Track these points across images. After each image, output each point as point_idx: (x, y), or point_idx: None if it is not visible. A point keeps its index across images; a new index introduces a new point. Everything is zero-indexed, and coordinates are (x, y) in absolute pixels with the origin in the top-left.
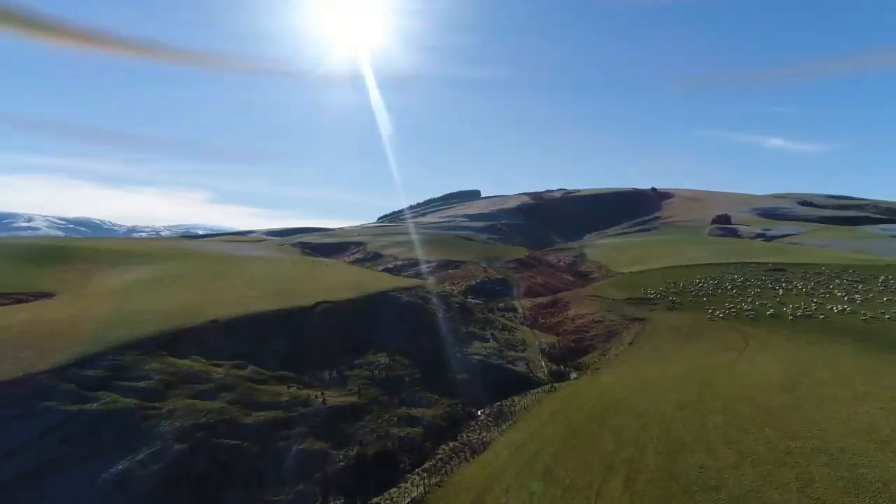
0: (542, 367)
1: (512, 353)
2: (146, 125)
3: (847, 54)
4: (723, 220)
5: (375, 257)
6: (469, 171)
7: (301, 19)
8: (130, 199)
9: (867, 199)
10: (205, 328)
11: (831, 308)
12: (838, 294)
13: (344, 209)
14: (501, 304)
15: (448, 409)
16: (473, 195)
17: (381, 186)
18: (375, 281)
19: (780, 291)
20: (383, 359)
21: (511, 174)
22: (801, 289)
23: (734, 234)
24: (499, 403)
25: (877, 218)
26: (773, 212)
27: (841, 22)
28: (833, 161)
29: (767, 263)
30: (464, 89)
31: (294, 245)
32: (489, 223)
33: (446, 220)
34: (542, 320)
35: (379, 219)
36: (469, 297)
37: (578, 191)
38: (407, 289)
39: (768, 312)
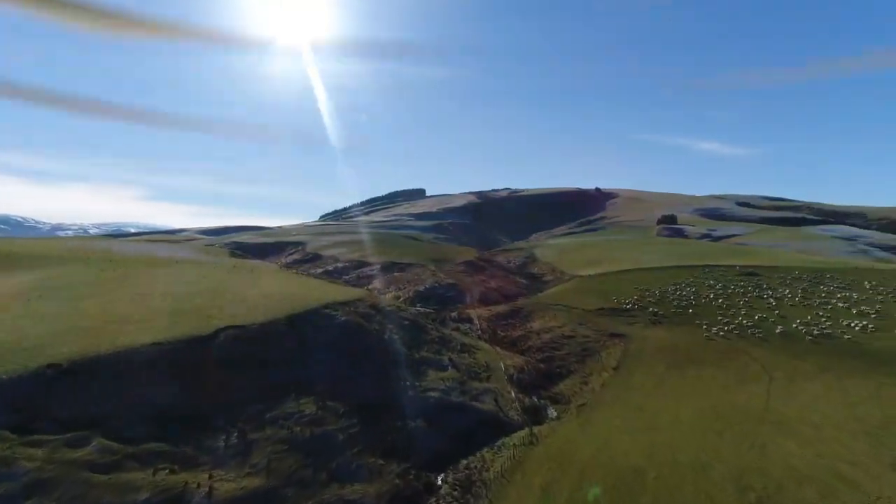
0: (512, 400)
1: (476, 383)
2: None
3: (779, 65)
4: (669, 220)
5: (315, 259)
6: (414, 169)
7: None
8: (59, 195)
9: (800, 200)
10: (31, 378)
11: (849, 324)
12: (841, 305)
13: (286, 208)
14: (455, 314)
15: (397, 480)
16: (419, 194)
17: (324, 185)
18: (306, 293)
19: (773, 301)
20: (309, 406)
21: (456, 173)
22: (793, 297)
23: (681, 234)
24: (465, 463)
25: (813, 219)
26: (715, 212)
27: (775, 37)
28: (762, 164)
29: (735, 267)
30: (411, 88)
31: (225, 245)
32: (435, 222)
33: (391, 219)
34: (503, 334)
35: (321, 217)
36: (418, 304)
37: (523, 190)
38: (345, 303)
39: (777, 330)
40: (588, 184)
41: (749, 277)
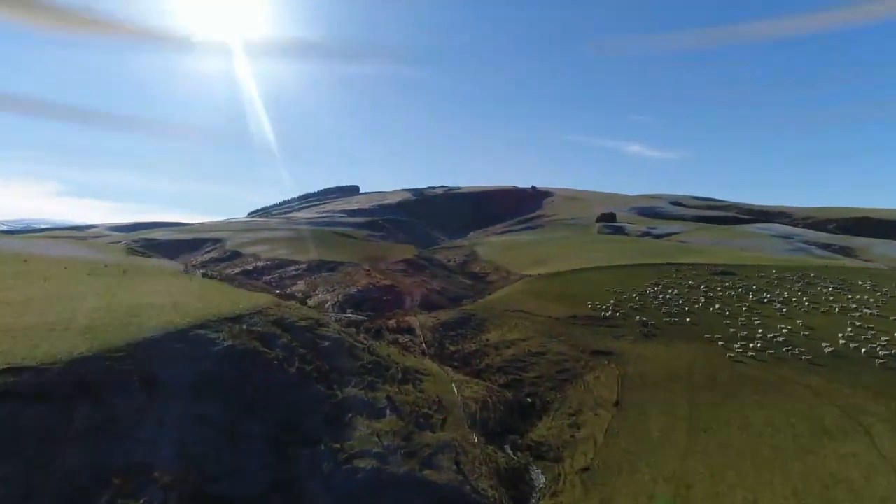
0: (479, 459)
1: (427, 436)
2: None
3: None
4: (608, 218)
5: (233, 257)
6: (347, 166)
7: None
8: None
9: (727, 200)
10: None
11: None
12: (869, 312)
13: (215, 205)
14: (393, 322)
15: None
16: (352, 191)
17: (255, 182)
18: (188, 303)
19: (781, 307)
20: None
21: (391, 171)
22: (799, 301)
23: (621, 231)
24: None
25: (743, 218)
26: (651, 211)
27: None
28: (686, 167)
29: (704, 266)
30: (345, 84)
31: (134, 243)
32: (369, 219)
33: (324, 215)
34: (452, 348)
35: (249, 214)
36: (349, 311)
37: (460, 188)
38: (234, 319)
39: (826, 349)
40: (523, 182)
41: (726, 277)
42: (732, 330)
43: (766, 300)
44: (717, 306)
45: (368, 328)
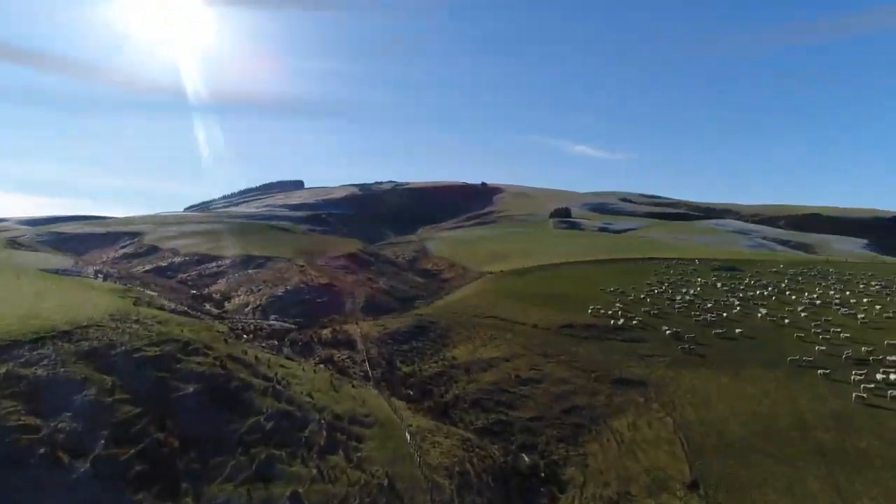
0: None
1: None
2: None
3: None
4: (563, 213)
5: (149, 252)
6: (291, 161)
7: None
8: None
9: (673, 198)
10: None
11: None
12: None
13: (150, 199)
14: (329, 332)
15: None
16: (296, 185)
17: (192, 175)
18: None
19: (853, 314)
20: None
21: (338, 165)
22: (857, 304)
23: (577, 227)
24: None
25: (693, 214)
26: (603, 207)
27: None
28: (631, 166)
29: (695, 261)
30: (296, 75)
31: (37, 236)
32: (312, 213)
33: (264, 209)
34: (406, 369)
35: (186, 209)
36: (273, 317)
37: (408, 183)
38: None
39: None
40: (472, 178)
41: (735, 273)
42: (822, 348)
43: (817, 301)
44: (762, 311)
45: (295, 341)
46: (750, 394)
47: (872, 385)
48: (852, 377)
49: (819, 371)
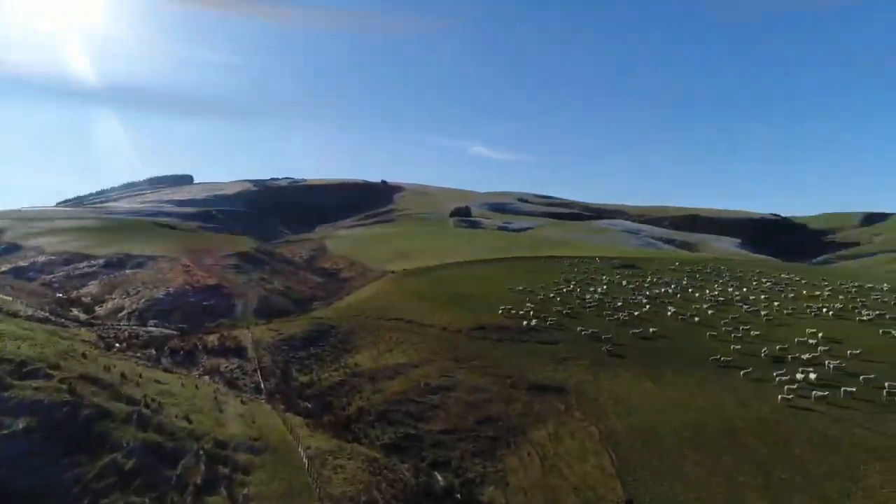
0: None
1: None
2: None
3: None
4: (463, 212)
5: (8, 250)
6: (180, 155)
7: None
8: None
9: (566, 198)
10: None
11: None
12: (867, 315)
13: (14, 194)
14: (215, 339)
15: None
16: (185, 180)
17: (73, 167)
18: None
19: (761, 312)
20: None
21: (231, 160)
22: (769, 301)
23: (477, 225)
24: None
25: (586, 214)
26: (502, 207)
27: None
28: (526, 168)
29: (595, 258)
30: (184, 64)
31: None
32: (202, 209)
33: (148, 205)
34: (304, 379)
35: (58, 204)
36: (151, 322)
37: (306, 180)
38: None
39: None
40: (371, 176)
41: (635, 271)
42: (737, 347)
43: (720, 299)
44: (671, 309)
45: (176, 349)
46: (674, 398)
47: (795, 385)
48: (776, 378)
49: (742, 372)
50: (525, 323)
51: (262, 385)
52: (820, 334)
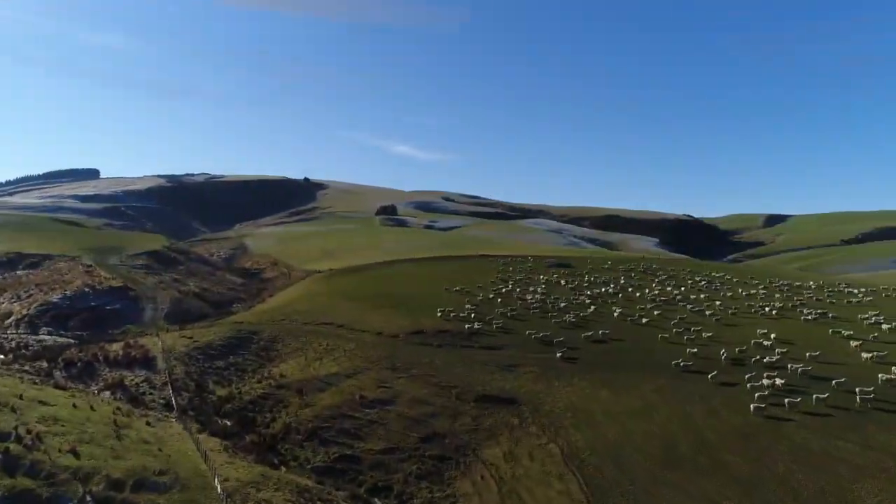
0: None
1: None
2: None
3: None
4: (389, 210)
5: None
6: (88, 147)
7: None
8: None
9: (491, 198)
10: None
11: None
12: (810, 314)
13: None
14: (119, 348)
15: None
16: (90, 174)
17: None
18: None
19: (709, 314)
20: None
21: (142, 155)
22: (710, 300)
23: (404, 224)
24: None
25: (510, 214)
26: (428, 206)
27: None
28: (451, 168)
29: (528, 258)
30: (85, 52)
31: None
32: (109, 206)
33: (47, 200)
34: (221, 393)
35: None
36: (44, 330)
37: (224, 176)
38: None
39: (884, 378)
40: (292, 173)
41: (572, 271)
42: (694, 350)
43: (662, 298)
44: (616, 310)
45: (72, 361)
46: (637, 409)
47: (766, 392)
48: (747, 384)
49: (709, 376)
50: (467, 326)
51: (174, 401)
52: (772, 335)
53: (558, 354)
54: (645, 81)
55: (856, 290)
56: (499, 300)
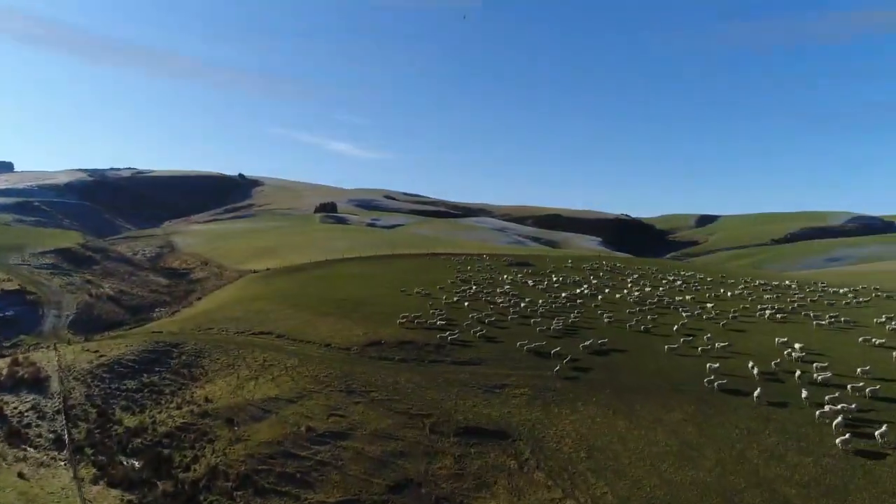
0: None
1: None
2: None
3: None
4: (329, 208)
5: None
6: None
7: None
8: None
9: (431, 197)
10: None
11: None
12: (824, 319)
13: None
14: (3, 365)
15: None
16: (3, 167)
17: None
18: None
19: (704, 315)
20: None
21: (63, 148)
22: (702, 305)
23: (344, 221)
24: None
25: (453, 213)
26: (368, 203)
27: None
28: (390, 167)
29: (483, 256)
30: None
31: None
32: (22, 200)
33: None
34: (129, 421)
35: None
36: None
37: (153, 171)
38: None
39: None
40: (225, 169)
41: (535, 269)
42: (714, 365)
43: (646, 301)
44: (604, 314)
45: None
46: (673, 448)
47: (840, 419)
48: (818, 413)
49: (754, 396)
50: (441, 336)
51: (66, 435)
52: (796, 344)
53: (556, 370)
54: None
55: (840, 290)
56: (465, 303)
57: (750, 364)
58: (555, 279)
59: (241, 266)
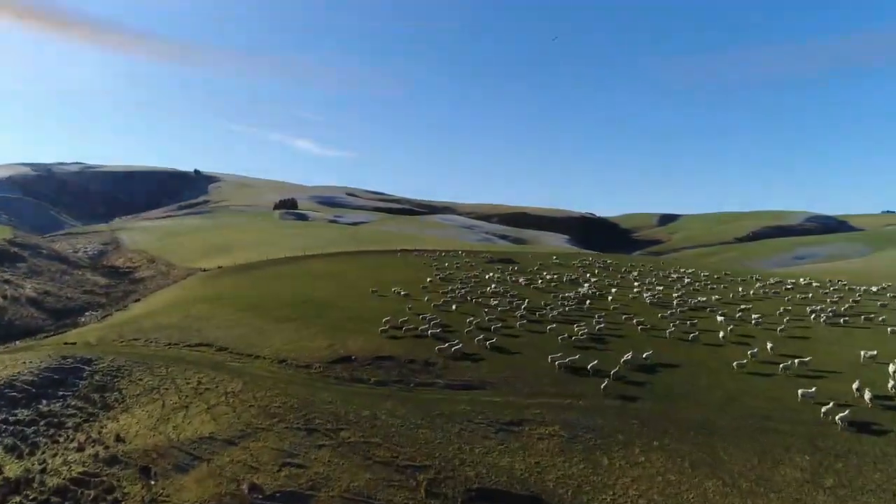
0: None
1: None
2: None
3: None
4: (289, 204)
5: None
6: None
7: None
8: None
9: (394, 194)
10: None
11: None
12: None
13: None
14: None
15: None
16: None
17: None
18: None
19: (769, 322)
20: None
21: (3, 141)
22: (732, 306)
23: (304, 218)
24: None
25: (417, 210)
26: (330, 200)
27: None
28: (351, 164)
29: (459, 252)
30: None
31: None
32: None
33: None
34: (10, 470)
35: None
36: None
37: (102, 166)
38: None
39: None
40: (180, 165)
41: (520, 266)
42: (809, 390)
43: (669, 302)
44: (629, 319)
45: None
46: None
47: None
48: None
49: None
50: (439, 349)
51: None
52: (863, 353)
53: (604, 387)
54: (541, 82)
55: (873, 289)
56: (454, 307)
57: (855, 386)
58: (548, 277)
59: (190, 264)
